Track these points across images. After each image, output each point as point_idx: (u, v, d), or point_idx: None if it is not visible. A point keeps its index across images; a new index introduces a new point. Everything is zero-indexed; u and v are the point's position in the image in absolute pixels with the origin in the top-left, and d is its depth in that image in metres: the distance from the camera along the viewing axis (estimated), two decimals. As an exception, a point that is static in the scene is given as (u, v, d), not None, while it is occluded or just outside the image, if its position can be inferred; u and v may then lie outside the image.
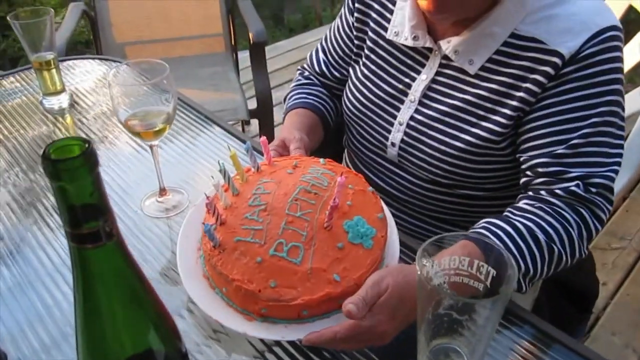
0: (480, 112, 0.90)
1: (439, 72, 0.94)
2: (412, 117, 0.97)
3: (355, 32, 1.07)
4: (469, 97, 0.91)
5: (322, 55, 1.16)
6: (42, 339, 0.78)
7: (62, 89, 1.31)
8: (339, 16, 1.12)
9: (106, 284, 0.44)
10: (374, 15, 1.03)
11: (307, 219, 0.74)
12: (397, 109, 0.99)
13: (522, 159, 0.88)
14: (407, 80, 0.98)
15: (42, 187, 1.06)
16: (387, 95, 1.01)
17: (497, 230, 0.79)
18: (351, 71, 1.09)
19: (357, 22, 1.06)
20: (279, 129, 1.04)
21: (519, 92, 0.86)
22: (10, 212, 1.01)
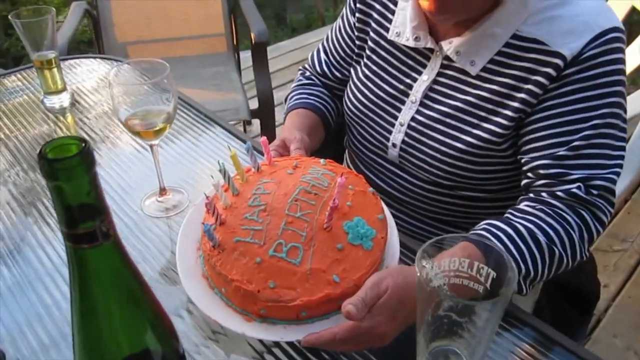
0: (481, 113, 0.90)
1: (440, 73, 0.94)
2: (413, 118, 0.97)
3: (356, 33, 1.07)
4: (470, 98, 0.90)
5: (323, 55, 1.16)
6: (41, 338, 0.77)
7: (63, 88, 1.31)
8: (341, 16, 1.12)
9: (103, 284, 0.44)
10: (375, 15, 1.03)
11: (306, 220, 0.73)
12: (398, 109, 0.99)
13: (523, 161, 0.88)
14: (408, 81, 0.98)
15: (42, 186, 1.06)
16: (388, 95, 1.00)
17: (498, 231, 0.79)
18: (352, 71, 1.09)
19: (358, 23, 1.06)
20: (281, 129, 1.04)
21: (520, 94, 0.86)
22: (10, 211, 1.01)
